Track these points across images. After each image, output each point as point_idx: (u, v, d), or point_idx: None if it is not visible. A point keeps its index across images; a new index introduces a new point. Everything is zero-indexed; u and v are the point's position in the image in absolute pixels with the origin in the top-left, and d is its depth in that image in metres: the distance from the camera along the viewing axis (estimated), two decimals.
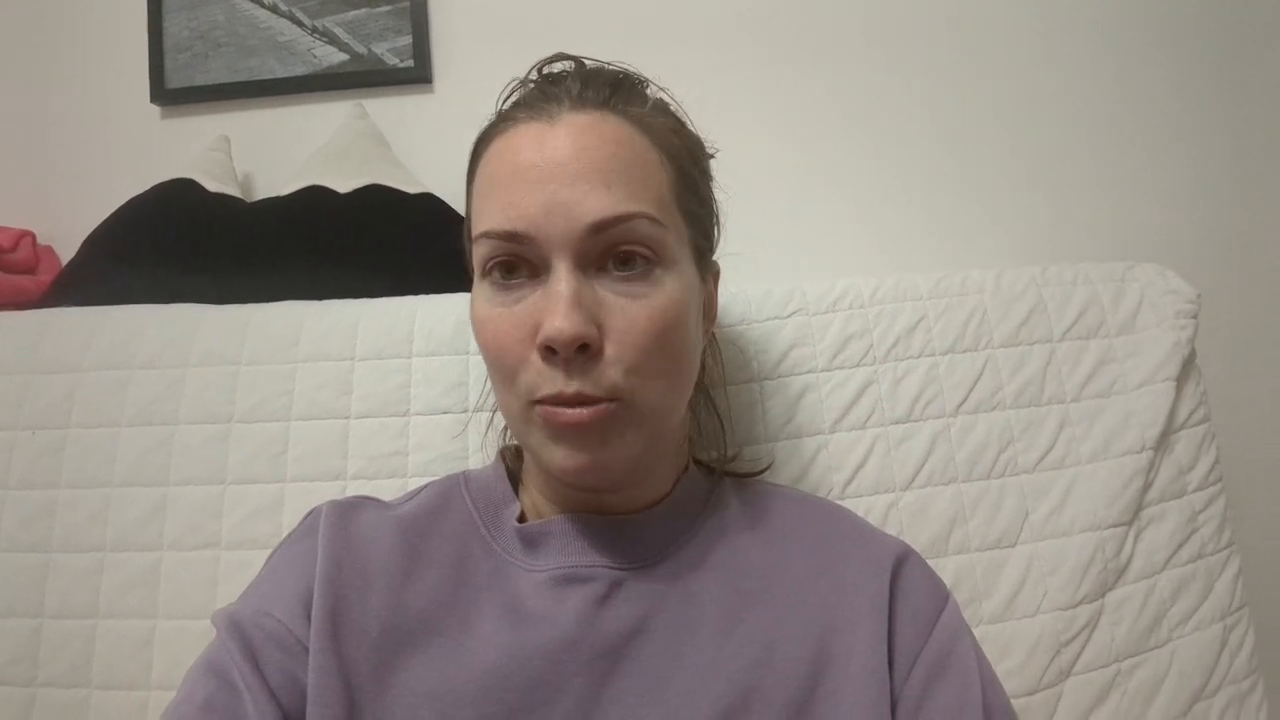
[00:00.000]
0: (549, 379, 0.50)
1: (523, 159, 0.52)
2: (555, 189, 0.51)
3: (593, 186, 0.51)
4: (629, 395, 0.51)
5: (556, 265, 0.51)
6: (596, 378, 0.50)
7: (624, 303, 0.52)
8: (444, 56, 1.24)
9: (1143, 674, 0.78)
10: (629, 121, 0.55)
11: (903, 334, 0.85)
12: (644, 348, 0.51)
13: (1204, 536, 0.83)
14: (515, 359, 0.52)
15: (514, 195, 0.52)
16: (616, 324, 0.51)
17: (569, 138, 0.52)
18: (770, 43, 1.20)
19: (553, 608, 0.54)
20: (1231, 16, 1.16)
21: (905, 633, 0.55)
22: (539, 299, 0.51)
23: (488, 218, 0.53)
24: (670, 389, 0.55)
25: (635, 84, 0.59)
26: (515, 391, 0.53)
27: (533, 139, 0.53)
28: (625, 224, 0.51)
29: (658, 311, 0.52)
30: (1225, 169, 1.16)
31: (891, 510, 0.80)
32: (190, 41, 1.25)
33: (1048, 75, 1.17)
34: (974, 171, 1.17)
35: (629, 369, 0.51)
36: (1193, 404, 0.86)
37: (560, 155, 0.51)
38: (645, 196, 0.52)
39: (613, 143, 0.53)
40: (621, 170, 0.52)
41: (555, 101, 0.55)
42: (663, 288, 0.53)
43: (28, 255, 1.14)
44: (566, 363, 0.50)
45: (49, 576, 0.79)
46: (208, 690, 0.48)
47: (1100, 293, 0.89)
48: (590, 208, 0.50)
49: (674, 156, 0.56)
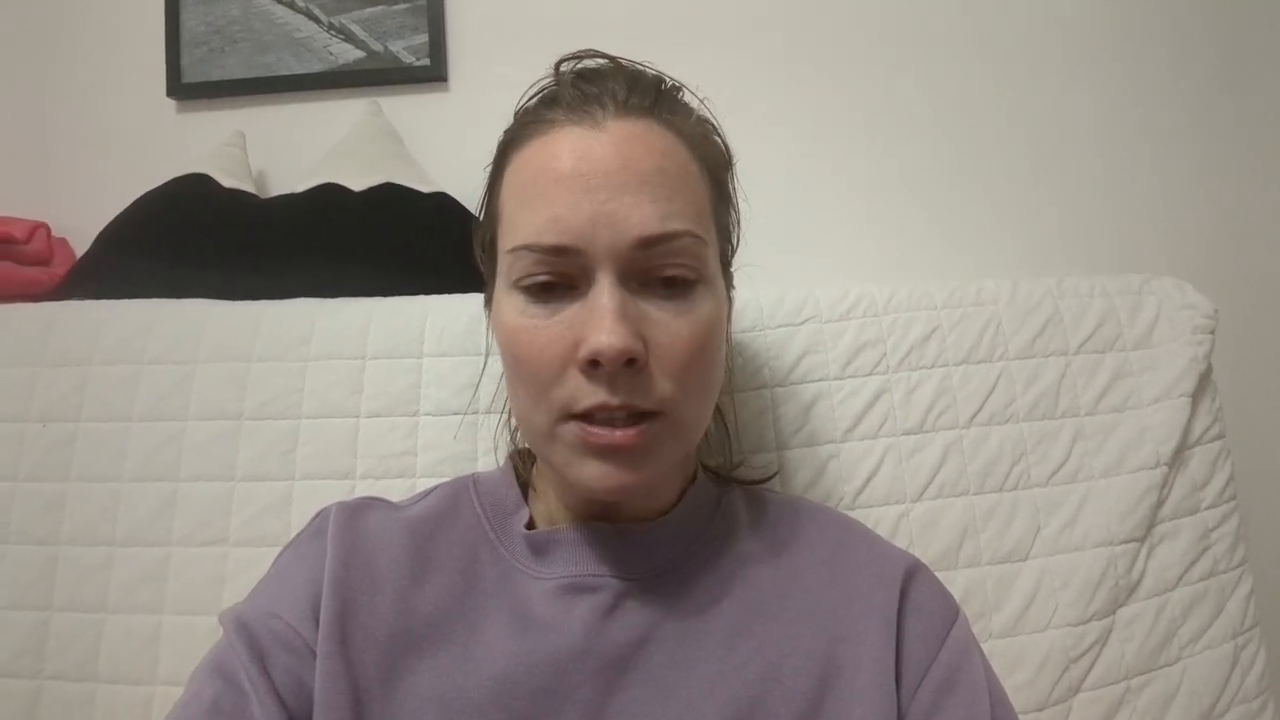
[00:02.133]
0: (590, 392, 0.49)
1: (567, 166, 0.50)
2: (604, 200, 0.49)
3: (639, 200, 0.49)
4: (672, 409, 0.51)
5: (600, 278, 0.49)
6: (645, 391, 0.49)
7: (667, 319, 0.51)
8: (460, 55, 1.24)
9: (1153, 692, 0.77)
10: (672, 131, 0.54)
11: (916, 343, 0.85)
12: (687, 365, 0.51)
13: (1217, 554, 0.82)
14: (552, 374, 0.50)
15: (558, 207, 0.50)
16: (661, 339, 0.50)
17: (615, 146, 0.51)
18: (785, 48, 1.20)
19: (560, 616, 0.54)
20: (1244, 26, 1.16)
21: (914, 647, 0.55)
22: (579, 312, 0.50)
23: (527, 229, 0.51)
24: (705, 404, 0.55)
25: (675, 90, 0.58)
26: (547, 405, 0.51)
27: (576, 145, 0.51)
28: (671, 242, 0.50)
29: (701, 327, 0.52)
30: (1240, 180, 1.15)
31: (902, 521, 0.79)
32: (207, 36, 1.25)
33: (1063, 84, 1.17)
34: (988, 179, 1.17)
35: (674, 383, 0.50)
36: (1208, 420, 0.85)
37: (607, 165, 0.50)
38: (689, 213, 0.52)
39: (659, 154, 0.52)
40: (668, 184, 0.51)
41: (598, 105, 0.53)
42: (704, 305, 0.52)
43: (42, 247, 1.14)
44: (611, 377, 0.49)
45: (58, 570, 0.79)
46: (215, 691, 0.48)
47: (1117, 306, 0.88)
48: (637, 222, 0.49)
49: (711, 169, 0.56)
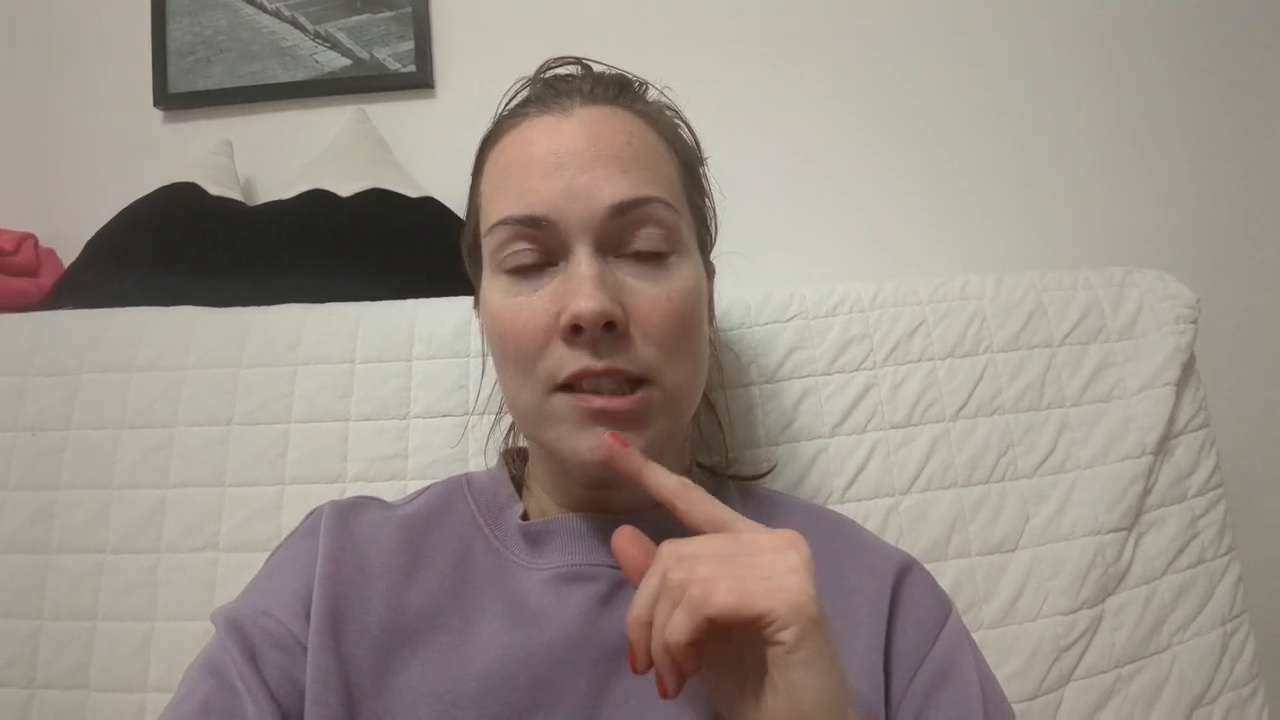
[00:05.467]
0: (574, 359, 0.51)
1: (538, 148, 0.53)
2: (574, 174, 0.52)
3: (610, 171, 0.52)
4: (658, 375, 0.52)
5: (577, 248, 0.51)
6: (628, 355, 0.51)
7: (644, 285, 0.52)
8: (445, 62, 1.24)
9: (1143, 680, 0.78)
10: (638, 115, 0.57)
11: (902, 338, 0.85)
12: (668, 330, 0.52)
13: (1204, 542, 0.83)
14: (536, 346, 0.52)
15: (530, 182, 0.52)
16: (640, 306, 0.52)
17: (584, 127, 0.54)
18: (770, 47, 1.20)
19: (555, 606, 0.54)
20: (1231, 19, 1.17)
21: (907, 641, 0.55)
22: (559, 284, 0.52)
23: (502, 206, 0.53)
24: (693, 374, 0.55)
25: (639, 86, 0.61)
26: (534, 379, 0.52)
27: (547, 130, 0.54)
28: (644, 206, 0.52)
29: (678, 294, 0.53)
30: (1225, 172, 1.16)
31: (891, 514, 0.80)
32: (193, 46, 1.25)
33: (1047, 79, 1.18)
34: (973, 175, 1.18)
35: (656, 348, 0.52)
36: (1193, 409, 0.86)
37: (576, 143, 0.53)
38: (660, 182, 0.54)
39: (627, 133, 0.54)
40: (636, 157, 0.53)
41: (567, 96, 0.56)
42: (679, 272, 0.54)
43: (29, 258, 1.14)
44: (594, 342, 0.50)
45: (48, 578, 0.79)
46: (207, 690, 0.48)
47: (1100, 298, 0.89)
48: (610, 191, 0.51)
49: (679, 150, 0.59)
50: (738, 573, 0.39)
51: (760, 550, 0.40)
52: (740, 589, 0.38)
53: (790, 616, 0.37)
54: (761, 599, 0.38)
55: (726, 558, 0.40)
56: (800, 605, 0.38)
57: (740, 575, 0.39)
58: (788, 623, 0.37)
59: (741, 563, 0.40)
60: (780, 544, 0.41)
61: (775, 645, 0.38)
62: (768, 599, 0.38)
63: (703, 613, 0.38)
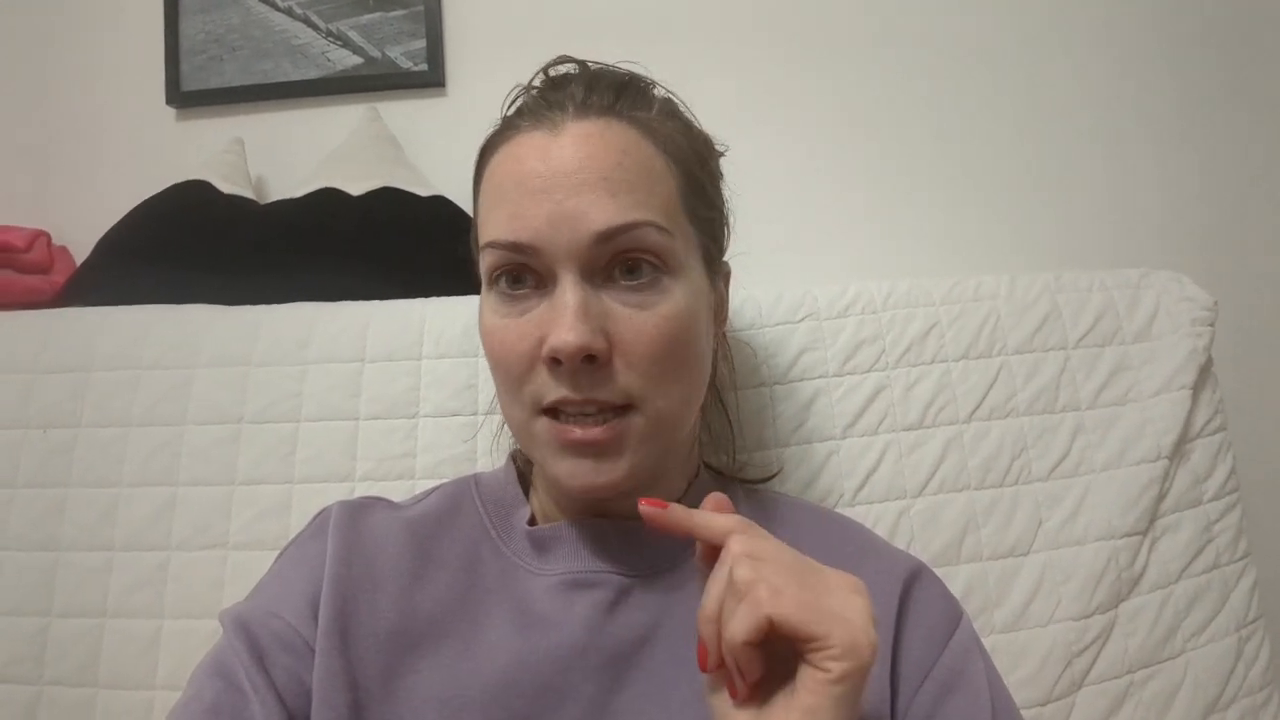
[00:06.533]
0: (554, 388, 0.50)
1: (527, 169, 0.52)
2: (560, 199, 0.50)
3: (598, 196, 0.50)
4: (641, 403, 0.51)
5: (562, 276, 0.50)
6: (608, 385, 0.50)
7: (631, 313, 0.51)
8: (457, 60, 1.24)
9: (1156, 685, 0.77)
10: (634, 127, 0.54)
11: (915, 339, 0.85)
12: (653, 357, 0.51)
13: (1219, 547, 0.82)
14: (522, 370, 0.52)
15: (518, 206, 0.51)
16: (625, 334, 0.51)
17: (573, 147, 0.52)
18: (784, 45, 1.20)
19: (561, 612, 0.54)
20: (1241, 21, 1.16)
21: (916, 647, 0.54)
22: (545, 310, 0.51)
23: (493, 228, 0.53)
24: (682, 397, 0.54)
25: (641, 86, 0.59)
26: (521, 399, 0.52)
27: (536, 148, 0.52)
28: (631, 232, 0.51)
29: (666, 320, 0.52)
30: (1237, 174, 1.15)
31: (903, 517, 0.79)
32: (205, 44, 1.26)
33: (1059, 80, 1.17)
34: (985, 175, 1.17)
35: (641, 376, 0.51)
36: (1209, 412, 0.85)
37: (565, 165, 0.51)
38: (651, 204, 0.52)
39: (618, 150, 0.52)
40: (627, 179, 0.51)
41: (559, 109, 0.54)
42: (671, 296, 0.52)
43: (42, 256, 1.15)
44: (572, 373, 0.50)
45: (57, 575, 0.79)
46: (214, 691, 0.48)
47: (1115, 299, 0.88)
48: (595, 217, 0.50)
49: (680, 161, 0.56)
50: (806, 590, 0.40)
51: (829, 584, 0.41)
52: (806, 604, 0.39)
53: (846, 651, 0.38)
54: (822, 623, 0.38)
55: (798, 574, 0.41)
56: (859, 645, 0.38)
57: (808, 594, 0.39)
58: (841, 655, 0.38)
59: (811, 584, 0.40)
60: (849, 586, 0.41)
61: (818, 670, 0.38)
62: (828, 625, 0.38)
63: (764, 611, 0.38)
